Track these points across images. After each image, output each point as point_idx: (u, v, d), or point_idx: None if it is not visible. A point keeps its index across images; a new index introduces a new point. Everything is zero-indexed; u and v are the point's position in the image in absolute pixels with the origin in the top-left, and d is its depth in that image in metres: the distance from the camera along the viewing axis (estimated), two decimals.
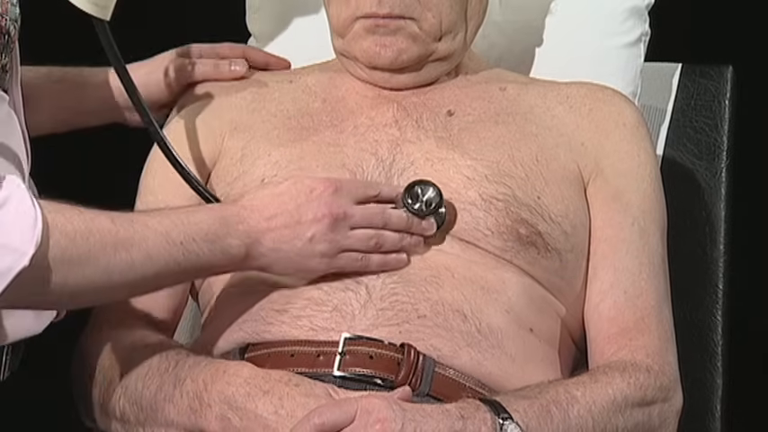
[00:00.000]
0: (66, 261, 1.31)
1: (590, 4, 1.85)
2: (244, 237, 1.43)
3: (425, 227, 1.50)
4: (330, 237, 1.46)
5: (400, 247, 1.49)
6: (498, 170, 1.54)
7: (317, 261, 1.46)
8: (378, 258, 1.48)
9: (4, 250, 1.27)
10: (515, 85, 1.66)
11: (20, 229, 1.28)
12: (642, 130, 1.63)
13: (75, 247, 1.31)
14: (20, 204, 1.29)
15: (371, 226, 1.48)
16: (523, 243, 1.51)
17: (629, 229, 1.57)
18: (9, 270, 1.27)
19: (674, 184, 1.67)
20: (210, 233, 1.41)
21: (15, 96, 1.47)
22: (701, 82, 1.87)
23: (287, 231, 1.45)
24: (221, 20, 1.96)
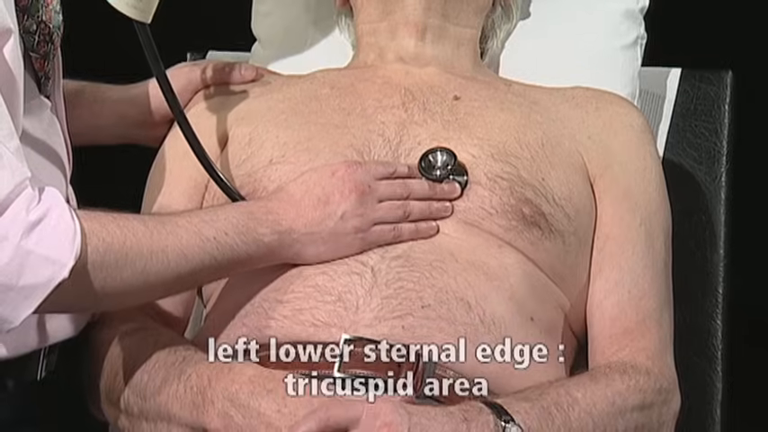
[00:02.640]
0: (104, 267, 1.34)
1: (584, 8, 1.86)
2: (274, 225, 1.46)
3: (449, 190, 1.53)
4: (360, 211, 1.49)
5: (429, 213, 1.52)
6: (504, 150, 1.56)
7: (352, 238, 1.48)
8: (409, 227, 1.51)
9: (45, 262, 1.30)
10: (520, 85, 1.70)
11: (59, 242, 1.31)
12: (648, 134, 1.66)
13: (113, 253, 1.35)
14: (59, 217, 1.32)
15: (396, 197, 1.51)
16: (527, 223, 1.53)
17: (636, 230, 1.59)
18: (49, 281, 1.31)
19: (675, 189, 1.68)
20: (240, 225, 1.44)
21: (58, 102, 1.50)
22: (700, 87, 1.88)
23: (317, 213, 1.48)
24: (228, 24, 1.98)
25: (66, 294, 1.32)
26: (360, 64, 1.73)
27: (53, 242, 1.31)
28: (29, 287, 1.30)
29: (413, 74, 1.66)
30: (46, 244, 1.30)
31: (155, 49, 1.49)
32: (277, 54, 1.89)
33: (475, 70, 1.72)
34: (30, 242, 1.30)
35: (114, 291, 1.36)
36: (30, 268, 1.30)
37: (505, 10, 1.81)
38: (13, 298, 1.30)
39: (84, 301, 1.37)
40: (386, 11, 1.71)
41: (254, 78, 1.71)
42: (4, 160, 1.31)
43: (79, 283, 1.32)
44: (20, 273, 1.29)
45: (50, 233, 1.31)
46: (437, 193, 1.53)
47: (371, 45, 1.73)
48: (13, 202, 1.30)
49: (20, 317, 1.31)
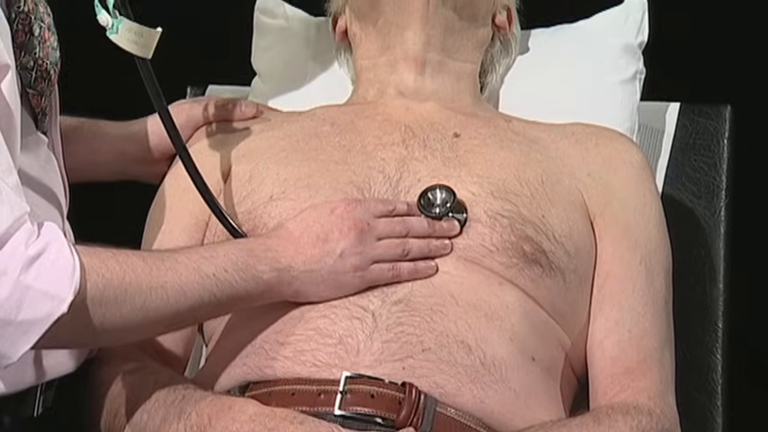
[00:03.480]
0: (103, 303, 1.34)
1: (583, 42, 1.87)
2: (273, 263, 1.46)
3: (448, 227, 1.53)
4: (359, 249, 1.48)
5: (428, 251, 1.52)
6: (504, 188, 1.57)
7: (351, 276, 1.48)
8: (408, 266, 1.51)
9: (44, 297, 1.30)
10: (520, 121, 1.71)
11: (58, 277, 1.31)
12: (647, 171, 1.66)
13: (112, 289, 1.34)
14: (58, 251, 1.32)
15: (395, 235, 1.51)
16: (528, 260, 1.53)
17: (636, 268, 1.59)
18: (48, 316, 1.30)
19: (674, 223, 1.68)
20: (240, 262, 1.44)
21: (54, 139, 1.50)
22: (699, 121, 1.89)
23: (316, 251, 1.48)
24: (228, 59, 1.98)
25: (64, 330, 1.32)
26: (359, 100, 1.74)
27: (52, 277, 1.31)
28: (27, 322, 1.30)
29: (413, 110, 1.67)
30: (45, 279, 1.30)
31: (156, 84, 1.50)
32: (277, 88, 1.90)
33: (475, 105, 1.73)
34: (29, 277, 1.30)
35: (113, 327, 1.36)
36: (28, 303, 1.29)
37: (504, 45, 1.82)
38: (11, 333, 1.30)
39: (83, 337, 1.37)
40: (385, 45, 1.72)
41: (254, 115, 1.72)
42: (3, 195, 1.31)
43: (78, 318, 1.32)
44: (18, 308, 1.29)
45: (49, 268, 1.31)
46: (436, 230, 1.53)
47: (371, 80, 1.73)
48: (11, 236, 1.30)
49: (18, 352, 1.31)
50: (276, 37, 1.94)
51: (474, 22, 1.74)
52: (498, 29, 1.79)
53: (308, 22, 1.95)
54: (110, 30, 1.48)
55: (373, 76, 1.73)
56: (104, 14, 1.47)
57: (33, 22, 1.42)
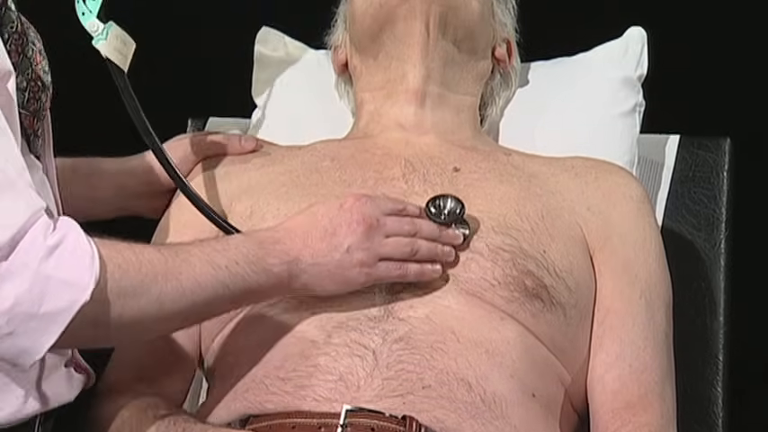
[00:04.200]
0: (121, 293, 1.34)
1: (583, 76, 1.87)
2: (282, 255, 1.45)
3: (453, 236, 1.53)
4: (366, 245, 1.48)
5: (435, 255, 1.52)
6: (505, 223, 1.57)
7: (357, 271, 1.48)
8: (415, 267, 1.50)
9: (65, 286, 1.30)
10: (519, 155, 1.71)
11: (78, 265, 1.31)
12: (647, 205, 1.66)
13: (129, 279, 1.34)
14: (76, 241, 1.32)
15: (404, 233, 1.51)
16: (529, 295, 1.53)
17: (636, 303, 1.59)
18: (71, 305, 1.30)
19: (674, 256, 1.68)
20: (251, 255, 1.43)
21: (48, 165, 1.50)
22: (699, 154, 1.89)
23: (323, 245, 1.47)
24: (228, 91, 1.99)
25: (85, 325, 1.31)
26: (360, 133, 1.74)
27: (72, 265, 1.31)
28: (51, 313, 1.29)
29: (413, 143, 1.67)
30: (65, 268, 1.30)
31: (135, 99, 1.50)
32: (277, 121, 1.90)
33: (475, 138, 1.73)
34: (48, 267, 1.30)
35: (131, 319, 1.35)
36: (50, 294, 1.29)
37: (504, 77, 1.82)
38: (35, 327, 1.29)
39: (103, 332, 1.35)
40: (385, 78, 1.72)
41: (253, 149, 1.72)
42: (19, 190, 1.31)
43: (98, 310, 1.32)
44: (41, 299, 1.29)
45: (69, 257, 1.31)
46: (443, 236, 1.53)
47: (371, 113, 1.74)
48: (29, 229, 1.30)
49: (43, 347, 1.30)
50: (276, 69, 1.95)
51: (474, 55, 1.75)
52: (498, 62, 1.80)
53: (309, 54, 1.96)
54: (98, 36, 1.49)
55: (374, 108, 1.73)
56: (94, 19, 1.47)
57: (26, 43, 1.42)
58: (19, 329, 1.29)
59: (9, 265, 1.29)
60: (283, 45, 1.96)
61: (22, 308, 1.28)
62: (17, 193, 1.31)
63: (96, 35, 1.49)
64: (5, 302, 1.28)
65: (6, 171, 1.31)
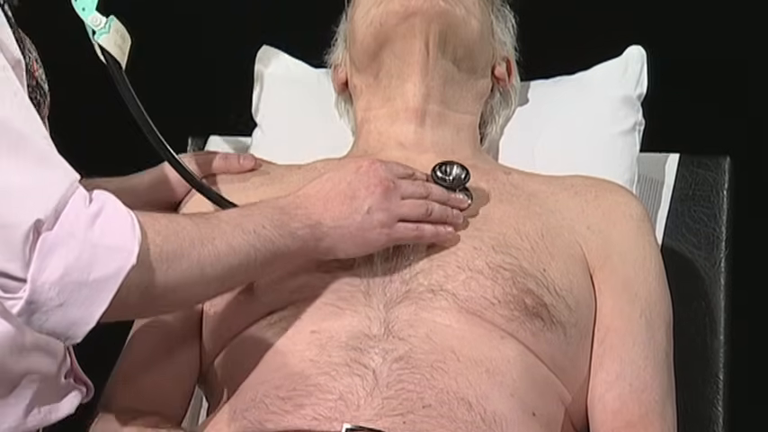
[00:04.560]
0: (164, 258, 1.36)
1: (583, 94, 1.88)
2: (305, 219, 1.48)
3: (460, 199, 1.57)
4: (385, 205, 1.51)
5: (446, 217, 1.55)
6: (504, 242, 1.57)
7: (378, 232, 1.51)
8: (431, 228, 1.54)
9: (112, 252, 1.32)
10: (519, 173, 1.71)
11: (122, 232, 1.33)
12: (647, 224, 1.66)
13: (169, 244, 1.36)
14: (115, 209, 1.35)
15: (417, 195, 1.54)
16: (529, 314, 1.53)
17: (636, 322, 1.59)
18: (119, 270, 1.32)
19: (674, 274, 1.68)
20: (275, 219, 1.46)
21: None
22: (699, 172, 1.89)
23: (344, 207, 1.50)
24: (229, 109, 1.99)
25: (132, 291, 1.32)
26: (360, 152, 1.74)
27: (116, 231, 1.32)
28: (100, 280, 1.31)
29: (412, 161, 1.67)
30: (109, 234, 1.32)
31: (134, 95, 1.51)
32: (278, 139, 1.91)
33: (475, 157, 1.73)
34: (94, 235, 1.31)
35: (175, 283, 1.37)
36: (98, 261, 1.30)
37: (504, 96, 1.83)
38: (86, 295, 1.30)
39: (149, 298, 1.36)
40: (385, 97, 1.73)
41: (252, 168, 1.72)
42: (56, 160, 1.33)
43: (143, 275, 1.33)
44: (90, 267, 1.30)
45: (111, 224, 1.32)
46: (451, 200, 1.57)
47: (371, 131, 1.74)
48: (70, 198, 1.32)
49: (95, 315, 1.31)
50: (277, 88, 1.95)
51: (474, 74, 1.75)
52: (498, 80, 1.80)
53: (309, 72, 1.96)
54: (101, 29, 1.49)
55: (374, 127, 1.74)
56: (96, 13, 1.48)
57: (23, 50, 1.43)
58: (70, 300, 1.30)
59: (55, 235, 1.30)
60: (284, 64, 1.97)
61: (71, 277, 1.30)
62: (54, 164, 1.33)
63: (99, 29, 1.50)
64: (55, 273, 1.30)
65: (42, 144, 1.33)
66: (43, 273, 1.29)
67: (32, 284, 1.30)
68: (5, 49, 1.37)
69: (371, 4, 1.72)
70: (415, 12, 1.68)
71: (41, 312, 1.31)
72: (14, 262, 1.29)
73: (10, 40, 1.38)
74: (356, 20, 1.74)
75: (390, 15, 1.69)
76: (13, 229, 1.29)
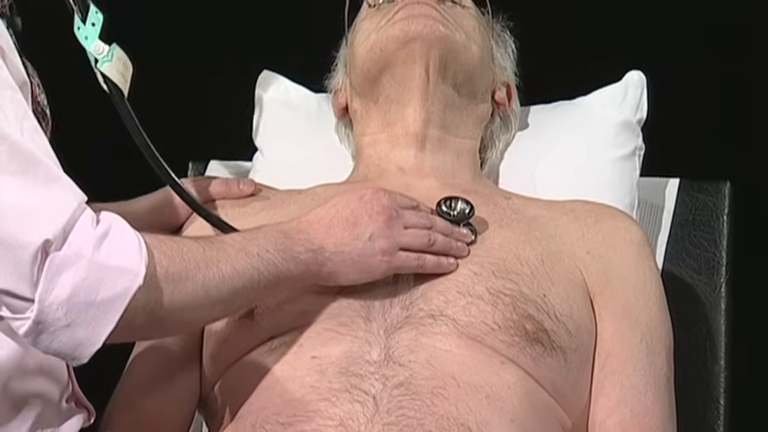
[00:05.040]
0: (170, 279, 1.37)
1: (582, 119, 1.88)
2: (307, 244, 1.49)
3: (465, 233, 1.58)
4: (387, 233, 1.52)
5: (450, 248, 1.55)
6: (504, 267, 1.57)
7: (379, 260, 1.51)
8: (432, 259, 1.54)
9: (119, 272, 1.33)
10: (519, 198, 1.71)
11: (129, 252, 1.34)
12: (647, 249, 1.66)
13: (175, 266, 1.37)
14: (122, 230, 1.36)
15: (420, 226, 1.55)
16: (529, 339, 1.52)
17: (637, 347, 1.58)
18: (126, 290, 1.33)
19: (674, 299, 1.68)
20: (278, 243, 1.47)
21: None
22: (699, 197, 1.89)
23: (346, 233, 1.51)
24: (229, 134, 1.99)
25: (139, 311, 1.33)
26: (359, 177, 1.74)
27: (123, 252, 1.33)
28: (107, 300, 1.31)
29: (412, 187, 1.67)
30: (117, 255, 1.33)
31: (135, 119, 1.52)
32: (278, 164, 1.91)
33: (475, 182, 1.73)
34: (101, 255, 1.32)
35: (181, 305, 1.38)
36: (106, 281, 1.31)
37: (504, 121, 1.83)
38: (93, 315, 1.31)
39: (155, 319, 1.37)
40: (386, 122, 1.73)
41: (252, 193, 1.72)
42: (64, 181, 1.34)
43: (150, 296, 1.34)
44: (98, 287, 1.31)
45: (118, 244, 1.34)
46: (455, 233, 1.57)
47: (371, 156, 1.74)
48: (78, 219, 1.33)
49: (101, 336, 1.32)
50: (277, 112, 1.95)
51: (474, 99, 1.75)
52: (498, 105, 1.80)
53: (309, 97, 1.96)
54: (104, 57, 1.50)
55: (374, 152, 1.74)
56: (99, 42, 1.48)
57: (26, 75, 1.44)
58: (77, 320, 1.31)
59: (63, 255, 1.31)
60: (284, 88, 1.97)
61: (79, 297, 1.30)
62: (63, 185, 1.34)
63: (102, 57, 1.50)
64: (63, 293, 1.30)
65: (50, 165, 1.34)
66: (51, 293, 1.30)
67: (40, 305, 1.30)
68: (14, 69, 1.38)
69: (372, 30, 1.73)
70: (416, 37, 1.68)
71: (48, 333, 1.31)
72: (22, 282, 1.30)
73: (16, 60, 1.39)
74: (356, 45, 1.75)
75: (391, 41, 1.70)
76: (22, 249, 1.30)
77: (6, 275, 1.30)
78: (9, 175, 1.31)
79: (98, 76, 1.52)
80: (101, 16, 1.50)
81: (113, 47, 1.51)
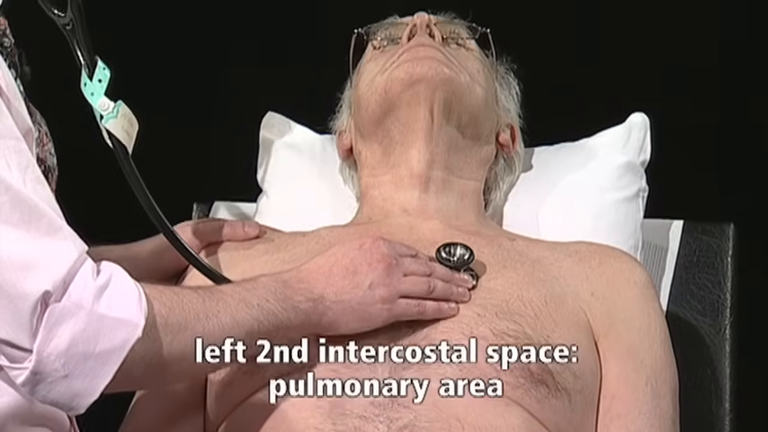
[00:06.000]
0: (169, 330, 1.37)
1: (586, 161, 1.88)
2: (307, 293, 1.49)
3: (465, 279, 1.57)
4: (387, 281, 1.52)
5: (450, 294, 1.55)
6: (508, 308, 1.57)
7: (379, 308, 1.51)
8: (433, 305, 1.54)
9: (118, 324, 1.33)
10: (523, 240, 1.71)
11: (128, 304, 1.34)
12: (651, 290, 1.66)
13: (174, 316, 1.37)
14: (123, 281, 1.36)
15: (420, 273, 1.55)
16: (534, 381, 1.52)
17: (642, 390, 1.58)
18: (125, 343, 1.33)
19: (679, 341, 1.67)
20: (278, 293, 1.47)
21: None
22: (703, 239, 1.89)
23: (346, 282, 1.50)
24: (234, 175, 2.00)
25: (137, 362, 1.33)
26: (364, 219, 1.75)
27: (122, 304, 1.34)
28: (106, 352, 1.32)
29: (416, 229, 1.68)
30: (116, 307, 1.33)
31: (138, 177, 1.52)
32: (282, 205, 1.91)
33: (479, 223, 1.74)
34: (101, 307, 1.32)
35: (180, 355, 1.38)
36: (105, 333, 1.32)
37: (508, 162, 1.83)
38: (91, 366, 1.31)
39: (153, 370, 1.37)
40: (390, 163, 1.73)
41: (257, 235, 1.72)
42: (65, 231, 1.34)
43: (149, 347, 1.34)
44: (96, 339, 1.32)
45: (118, 296, 1.34)
46: (455, 279, 1.57)
47: (375, 198, 1.74)
48: (78, 270, 1.33)
49: (98, 387, 1.32)
50: (281, 153, 1.96)
51: (478, 141, 1.76)
52: (502, 147, 1.81)
53: (313, 139, 1.97)
54: (109, 114, 1.50)
55: (378, 193, 1.74)
56: (104, 98, 1.49)
57: (34, 123, 1.44)
58: (75, 371, 1.32)
59: (63, 306, 1.31)
60: (288, 129, 1.98)
61: (77, 349, 1.31)
62: (63, 236, 1.34)
63: (107, 114, 1.50)
64: (61, 344, 1.31)
65: (52, 215, 1.35)
66: (49, 344, 1.31)
67: (38, 355, 1.30)
68: (19, 118, 1.38)
69: (376, 72, 1.73)
70: (420, 79, 1.69)
71: (46, 383, 1.32)
72: (21, 332, 1.30)
73: (22, 109, 1.40)
74: (361, 87, 1.75)
75: (395, 83, 1.70)
76: (22, 300, 1.30)
77: (5, 325, 1.31)
78: (11, 226, 1.32)
79: (103, 132, 1.52)
80: (108, 72, 1.50)
81: (119, 104, 1.50)
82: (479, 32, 1.80)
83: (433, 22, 1.76)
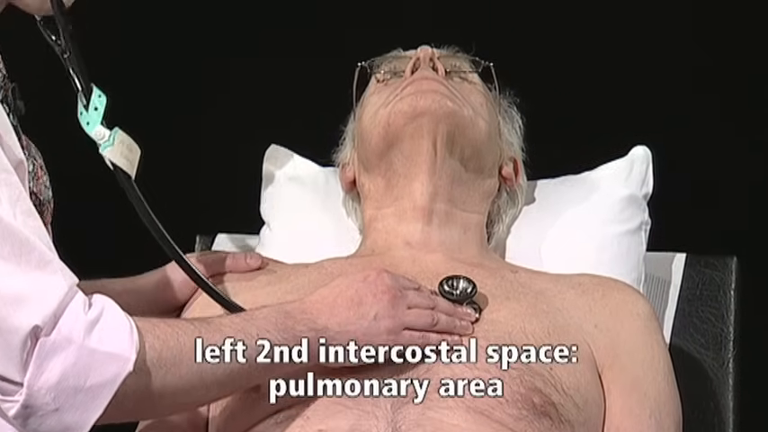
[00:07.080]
0: (162, 364, 1.37)
1: (589, 194, 1.89)
2: (310, 324, 1.48)
3: (467, 312, 1.57)
4: (392, 312, 1.52)
5: (453, 327, 1.55)
6: (511, 340, 1.57)
7: (384, 339, 1.51)
8: (436, 337, 1.54)
9: (109, 359, 1.33)
10: (526, 272, 1.71)
11: (119, 338, 1.34)
12: (654, 322, 1.66)
13: (168, 349, 1.37)
14: (114, 315, 1.36)
15: (424, 306, 1.55)
16: (537, 413, 1.52)
17: (646, 422, 1.58)
18: (116, 377, 1.33)
19: (682, 374, 1.67)
20: (279, 324, 1.46)
21: None
22: (705, 272, 1.89)
23: (351, 313, 1.50)
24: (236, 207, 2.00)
25: (129, 395, 1.34)
26: (367, 251, 1.75)
27: (114, 338, 1.34)
28: (96, 386, 1.32)
29: (419, 261, 1.68)
30: (107, 341, 1.33)
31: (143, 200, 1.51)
32: (285, 237, 1.91)
33: (482, 256, 1.74)
34: (92, 341, 1.33)
35: (173, 388, 1.38)
36: (95, 367, 1.32)
37: (511, 195, 1.84)
38: (81, 400, 1.32)
39: (147, 403, 1.37)
40: (393, 196, 1.74)
41: (259, 267, 1.72)
42: (55, 265, 1.35)
43: (140, 381, 1.35)
44: (87, 373, 1.32)
45: (109, 330, 1.34)
46: (458, 312, 1.57)
47: (379, 230, 1.75)
48: (69, 303, 1.33)
49: (89, 421, 1.32)
50: (284, 186, 1.96)
51: (481, 174, 1.76)
52: (505, 180, 1.81)
53: (316, 171, 1.97)
54: (105, 142, 1.50)
55: (381, 226, 1.74)
56: (100, 127, 1.49)
57: (28, 157, 1.45)
58: (66, 405, 1.32)
59: (53, 341, 1.32)
60: (291, 162, 1.98)
61: (68, 383, 1.31)
62: (54, 269, 1.34)
63: (103, 142, 1.50)
64: (52, 378, 1.31)
65: (42, 248, 1.35)
66: (40, 378, 1.31)
67: (29, 389, 1.31)
68: (9, 151, 1.39)
69: (380, 105, 1.74)
70: (424, 112, 1.70)
71: (37, 416, 1.32)
72: (12, 366, 1.31)
73: (13, 142, 1.40)
74: (364, 119, 1.76)
75: (399, 115, 1.71)
76: (12, 334, 1.31)
77: None
78: (1, 259, 1.32)
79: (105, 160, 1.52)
80: (104, 99, 1.49)
81: (115, 131, 1.50)
82: (482, 66, 1.81)
83: (436, 55, 1.77)
